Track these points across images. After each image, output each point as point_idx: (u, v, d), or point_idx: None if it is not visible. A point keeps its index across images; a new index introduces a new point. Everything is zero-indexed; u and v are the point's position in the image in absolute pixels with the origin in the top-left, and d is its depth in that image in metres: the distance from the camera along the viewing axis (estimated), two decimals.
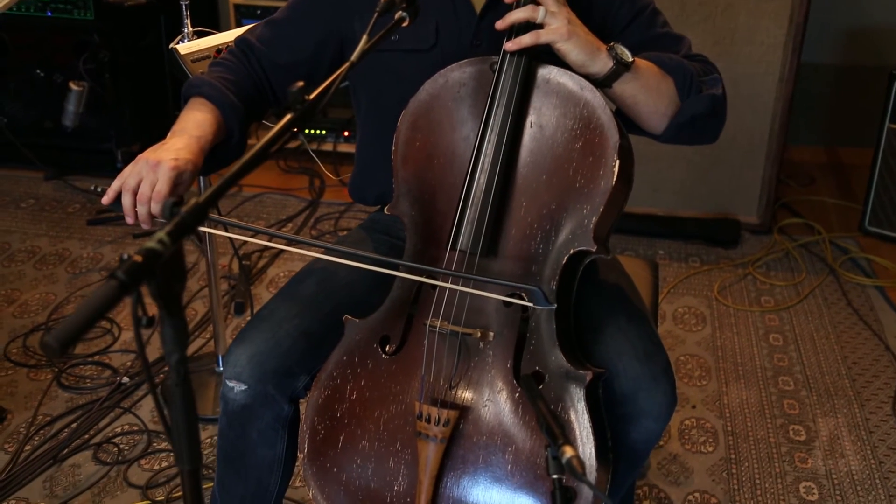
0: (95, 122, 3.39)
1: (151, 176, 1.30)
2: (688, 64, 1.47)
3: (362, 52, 1.10)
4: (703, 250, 3.07)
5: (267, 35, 1.55)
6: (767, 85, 2.98)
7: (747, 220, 3.15)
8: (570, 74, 1.35)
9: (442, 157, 1.40)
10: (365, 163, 1.64)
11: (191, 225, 0.81)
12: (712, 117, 1.46)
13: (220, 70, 1.49)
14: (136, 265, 0.75)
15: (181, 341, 0.82)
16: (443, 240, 1.38)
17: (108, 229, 3.15)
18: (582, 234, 1.32)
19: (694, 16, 2.94)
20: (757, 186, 3.12)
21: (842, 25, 3.58)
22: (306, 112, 0.98)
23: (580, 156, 1.33)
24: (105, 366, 2.41)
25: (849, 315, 2.70)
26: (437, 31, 1.48)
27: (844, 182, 3.55)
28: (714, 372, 2.45)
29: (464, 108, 1.39)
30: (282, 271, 2.88)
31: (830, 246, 3.06)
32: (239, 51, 1.55)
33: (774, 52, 2.94)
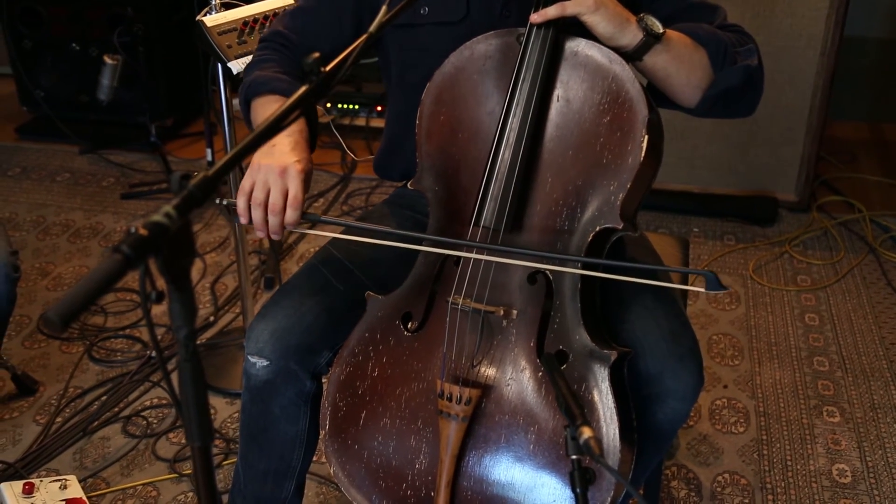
0: (129, 96, 3.41)
1: (280, 183, 1.27)
2: (722, 34, 1.42)
3: (381, 23, 1.08)
4: (738, 228, 3.01)
5: (300, 25, 1.52)
6: (808, 59, 2.90)
7: (785, 198, 3.08)
8: (599, 47, 1.31)
9: (466, 132, 1.37)
10: (391, 138, 1.62)
11: (200, 198, 0.79)
12: (748, 89, 1.41)
13: (271, 65, 1.47)
14: (142, 239, 0.73)
15: (189, 316, 0.81)
16: (466, 215, 1.35)
17: (141, 203, 3.16)
18: (608, 211, 1.28)
19: None
20: (796, 163, 3.04)
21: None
22: (322, 84, 0.96)
23: (608, 131, 1.29)
24: (136, 339, 2.43)
25: (888, 295, 2.63)
26: (468, 2, 1.45)
27: (887, 159, 3.45)
28: (747, 352, 2.40)
29: (489, 81, 1.36)
30: (312, 247, 2.87)
31: (871, 224, 2.98)
32: (276, 44, 1.51)
33: (816, 25, 2.85)
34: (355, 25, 1.51)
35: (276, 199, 1.27)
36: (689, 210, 3.09)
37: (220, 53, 1.76)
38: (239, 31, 1.81)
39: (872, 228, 2.96)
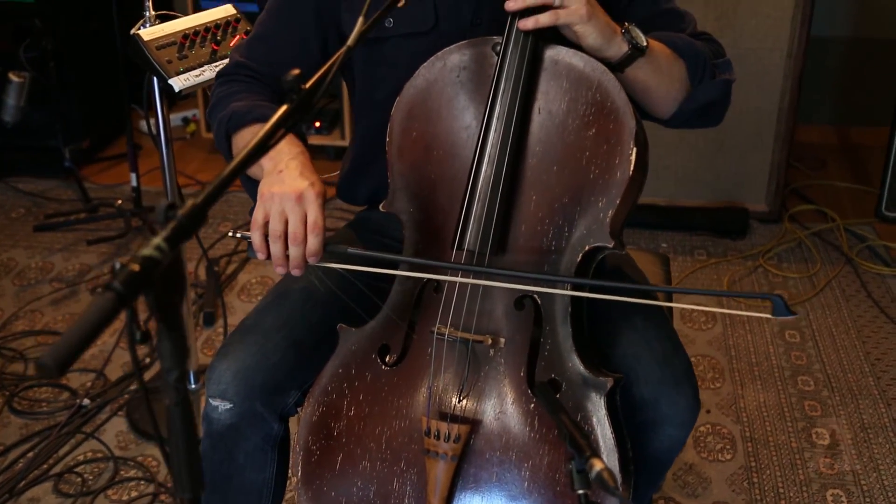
0: (39, 116, 3.35)
1: (298, 210, 1.27)
2: (699, 45, 1.48)
3: (359, 35, 1.10)
4: (709, 242, 3.10)
5: (262, 53, 1.53)
6: (775, 61, 3.01)
7: (756, 208, 3.18)
8: (581, 55, 1.35)
9: (441, 149, 1.39)
10: (357, 160, 1.63)
11: (189, 229, 0.80)
12: (724, 103, 1.48)
13: (245, 95, 1.47)
14: (133, 275, 0.74)
15: (180, 357, 0.81)
16: (446, 238, 1.37)
17: (57, 235, 3.11)
18: (598, 229, 1.32)
19: None
20: (765, 172, 3.15)
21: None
22: (303, 102, 0.97)
23: (594, 144, 1.33)
24: (62, 387, 2.39)
25: (869, 307, 2.73)
26: (436, 10, 1.48)
27: (858, 164, 3.58)
28: (728, 373, 2.47)
29: (464, 93, 1.39)
30: (253, 277, 2.86)
31: (846, 234, 3.09)
32: (241, 75, 1.52)
33: (782, 26, 2.97)
34: (321, 46, 1.53)
35: (296, 228, 1.27)
36: (657, 224, 3.17)
37: (161, 70, 1.76)
38: (179, 44, 1.81)
39: (847, 238, 3.07)
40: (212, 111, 1.51)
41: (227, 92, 1.50)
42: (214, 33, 1.89)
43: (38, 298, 2.77)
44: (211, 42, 1.87)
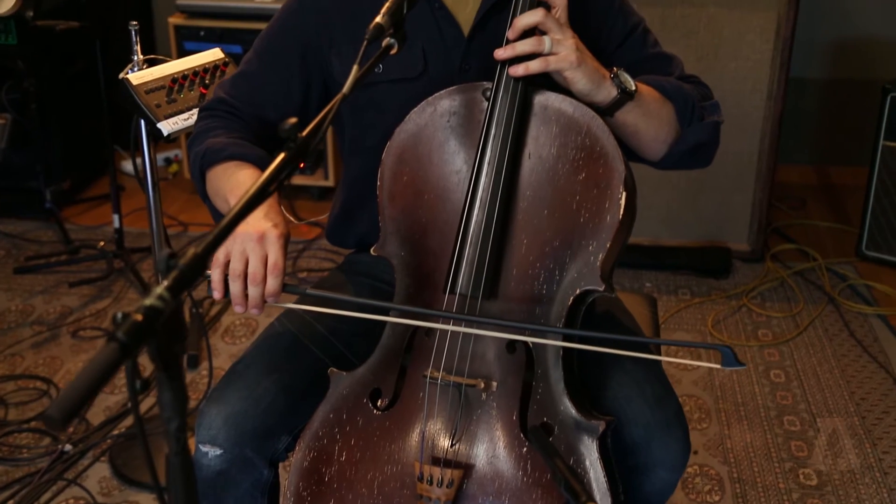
0: (20, 158, 3.35)
1: (259, 250, 1.27)
2: (687, 88, 1.51)
3: (354, 82, 1.12)
4: (693, 281, 3.12)
5: (245, 91, 1.55)
6: (755, 102, 3.06)
7: (738, 248, 3.21)
8: (570, 100, 1.37)
9: (432, 193, 1.41)
10: (347, 204, 1.65)
11: (190, 278, 0.81)
12: (714, 144, 1.52)
13: (223, 132, 1.48)
14: (137, 325, 0.74)
15: (181, 407, 0.82)
16: (437, 282, 1.38)
17: (38, 278, 3.10)
18: (588, 273, 1.34)
19: (675, 31, 3.01)
20: (747, 211, 3.19)
21: (828, 38, 3.70)
22: (301, 150, 0.99)
23: (584, 188, 1.35)
24: (43, 432, 2.36)
25: (852, 347, 2.76)
26: (425, 57, 1.50)
27: (837, 204, 3.64)
28: (714, 413, 2.48)
29: (455, 138, 1.41)
30: (238, 319, 2.86)
31: (827, 273, 3.13)
32: (222, 112, 1.54)
33: (761, 68, 3.02)
34: (304, 90, 1.55)
35: (256, 268, 1.27)
36: (640, 264, 3.19)
37: (150, 114, 1.77)
38: (168, 88, 1.83)
39: (829, 277, 3.11)
40: (190, 145, 1.54)
41: (206, 127, 1.52)
42: (203, 77, 1.91)
43: (18, 342, 2.75)
44: (199, 86, 1.88)
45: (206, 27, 3.41)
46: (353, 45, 1.51)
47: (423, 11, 1.49)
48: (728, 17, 2.99)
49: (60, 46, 3.34)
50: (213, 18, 3.41)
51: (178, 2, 3.45)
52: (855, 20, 3.66)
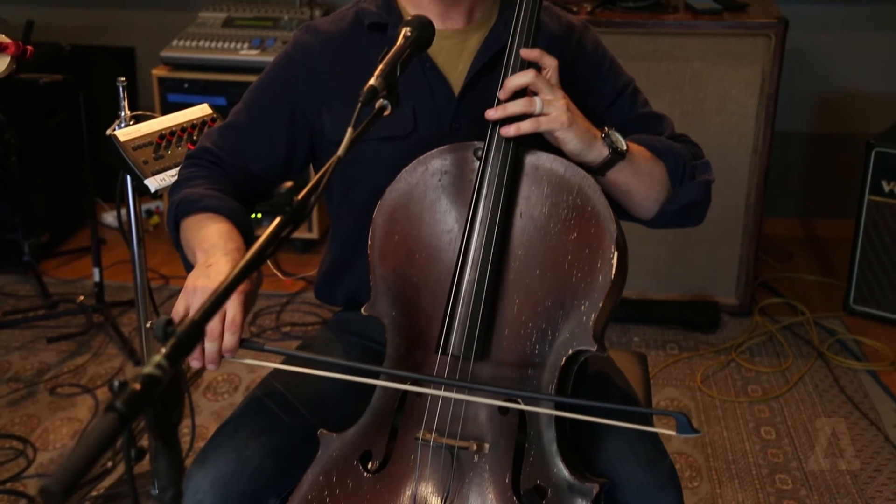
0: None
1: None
2: (677, 147, 1.55)
3: (349, 144, 1.14)
4: (681, 336, 3.14)
5: (230, 142, 1.57)
6: (741, 157, 3.11)
7: (726, 302, 3.24)
8: (561, 160, 1.40)
9: (424, 252, 1.43)
10: (336, 261, 1.66)
11: (189, 345, 0.82)
12: (706, 203, 1.55)
13: (202, 182, 1.50)
14: (135, 394, 0.75)
15: (177, 476, 0.82)
16: (429, 342, 1.39)
17: (15, 333, 3.08)
18: (581, 333, 1.35)
19: (660, 86, 3.07)
20: (734, 265, 3.22)
21: (812, 92, 3.77)
22: (297, 214, 1.01)
23: (575, 248, 1.37)
24: (20, 494, 2.34)
25: (843, 403, 2.78)
26: (415, 115, 1.53)
27: (824, 257, 3.68)
28: (705, 472, 2.49)
29: (446, 198, 1.43)
30: (220, 374, 2.85)
31: (816, 327, 3.16)
32: (205, 161, 1.56)
33: (747, 123, 3.08)
34: (289, 145, 1.58)
35: (214, 323, 1.28)
36: (628, 318, 3.22)
37: (137, 171, 1.79)
38: (156, 145, 1.84)
39: (818, 332, 3.14)
40: (170, 193, 1.56)
41: (187, 175, 1.54)
42: (190, 133, 1.93)
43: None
44: (187, 142, 1.90)
45: (190, 79, 3.44)
46: (344, 102, 1.53)
47: (415, 70, 1.53)
48: (713, 72, 3.05)
49: (43, 98, 3.36)
50: (197, 70, 3.45)
51: (163, 54, 3.48)
52: (838, 75, 3.74)
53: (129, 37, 3.95)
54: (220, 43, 3.50)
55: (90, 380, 2.83)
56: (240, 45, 3.49)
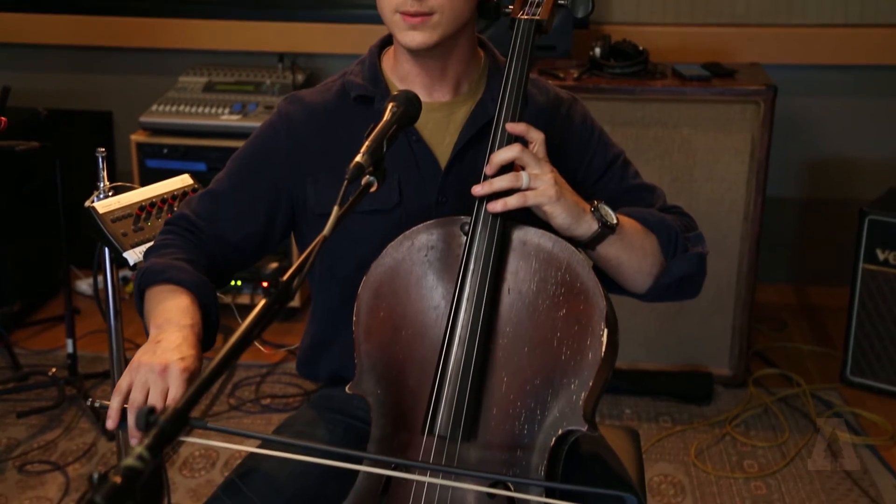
0: None
1: (161, 384, 1.29)
2: (669, 220, 1.57)
3: (335, 223, 1.16)
4: (674, 408, 3.15)
5: (209, 210, 1.59)
6: (732, 223, 3.15)
7: (719, 373, 3.25)
8: (549, 235, 1.42)
9: (410, 329, 1.44)
10: (318, 335, 1.68)
11: (171, 434, 0.82)
12: (700, 276, 1.57)
13: (172, 251, 1.52)
14: (116, 488, 0.75)
15: None
16: (415, 422, 1.40)
17: None
18: (571, 413, 1.36)
19: (649, 151, 3.12)
20: (727, 335, 3.24)
21: (803, 158, 3.84)
22: (281, 297, 1.02)
23: (564, 325, 1.39)
24: None
25: (842, 479, 2.78)
26: (400, 189, 1.56)
27: (819, 325, 3.71)
28: None
29: (433, 273, 1.45)
30: (197, 450, 2.83)
31: (812, 399, 3.17)
32: (181, 228, 1.58)
33: (737, 189, 3.12)
34: (269, 216, 1.60)
35: (155, 402, 1.29)
36: (619, 389, 3.22)
37: (115, 243, 1.80)
38: (135, 216, 1.86)
39: (814, 404, 3.15)
40: (143, 257, 1.58)
41: (160, 243, 1.56)
42: (171, 204, 1.94)
43: None
44: (167, 213, 1.92)
45: (170, 144, 3.47)
46: (329, 175, 1.56)
47: (401, 144, 1.55)
48: (702, 139, 3.10)
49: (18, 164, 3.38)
50: (177, 136, 3.48)
51: (142, 119, 3.52)
52: (829, 141, 3.81)
53: (107, 101, 3.99)
54: (200, 108, 3.54)
55: (61, 456, 2.80)
56: (221, 109, 3.54)
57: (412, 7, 1.46)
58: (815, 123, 3.79)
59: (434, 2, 1.46)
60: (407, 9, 1.47)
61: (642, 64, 3.16)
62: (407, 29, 1.49)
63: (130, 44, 3.89)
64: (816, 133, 3.80)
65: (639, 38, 3.32)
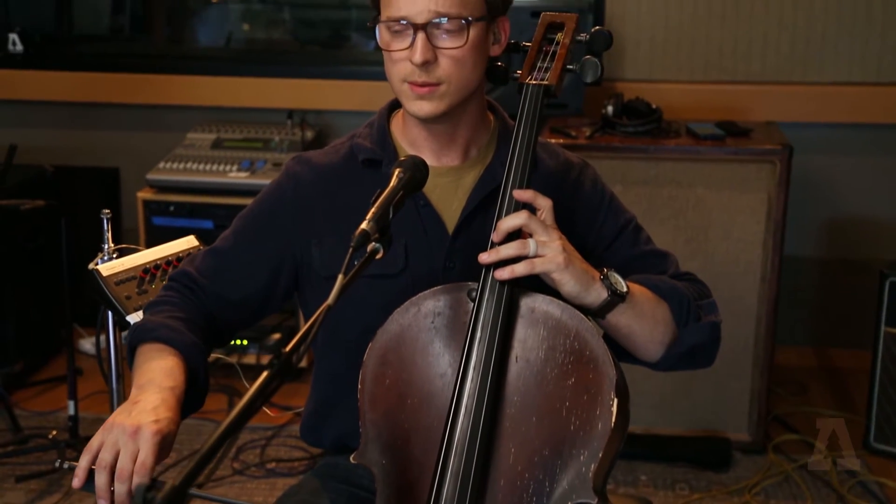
0: None
1: (131, 445, 1.29)
2: (682, 287, 1.58)
3: (340, 292, 1.17)
4: (690, 474, 3.12)
5: (212, 267, 1.62)
6: (748, 285, 3.15)
7: (738, 438, 3.23)
8: (558, 302, 1.44)
9: (416, 397, 1.45)
10: (322, 400, 1.69)
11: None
12: (714, 345, 1.57)
13: (168, 309, 1.54)
14: None
15: None
16: (421, 494, 1.41)
17: None
18: (580, 485, 1.37)
19: (663, 211, 3.14)
20: (745, 399, 3.23)
21: (822, 218, 3.85)
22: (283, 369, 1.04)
23: (573, 394, 1.40)
24: None
25: None
26: (407, 254, 1.58)
27: (840, 389, 3.69)
28: None
29: (439, 340, 1.46)
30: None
31: (835, 467, 3.14)
32: (181, 285, 1.60)
33: (753, 250, 3.13)
34: (273, 276, 1.62)
35: (123, 464, 1.29)
36: (634, 455, 3.20)
37: (119, 307, 1.82)
38: (139, 279, 1.89)
39: (837, 472, 3.12)
40: (143, 311, 1.60)
41: (158, 299, 1.59)
42: (175, 266, 1.97)
43: None
44: None
45: (177, 202, 3.51)
46: (335, 237, 1.58)
47: (408, 208, 1.57)
48: (717, 198, 3.12)
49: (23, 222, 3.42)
50: (184, 193, 3.52)
51: (149, 176, 3.56)
52: (848, 200, 3.83)
53: (114, 157, 4.05)
54: (208, 165, 3.59)
55: None
56: (229, 167, 3.58)
57: (420, 77, 1.49)
58: (832, 182, 3.81)
59: (442, 72, 1.50)
60: (415, 79, 1.50)
61: (656, 122, 3.19)
62: (415, 98, 1.52)
63: (138, 100, 3.95)
64: (835, 192, 3.82)
65: (652, 95, 3.36)
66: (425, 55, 1.48)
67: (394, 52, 1.51)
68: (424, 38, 1.48)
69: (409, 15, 1.48)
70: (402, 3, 1.48)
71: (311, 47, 4.35)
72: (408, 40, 1.49)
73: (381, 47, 1.54)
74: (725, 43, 3.68)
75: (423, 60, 1.48)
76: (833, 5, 3.61)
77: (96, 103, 4.00)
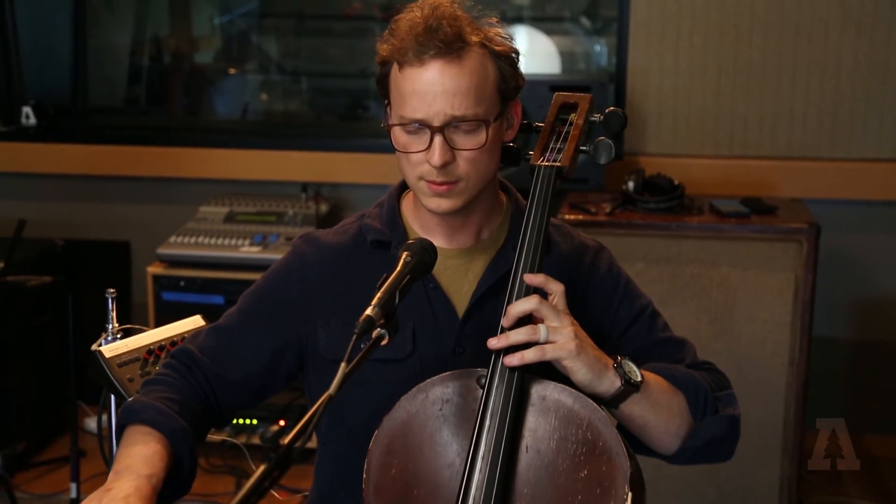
0: None
1: None
2: (699, 377, 1.58)
3: (342, 381, 1.18)
4: None
5: (213, 346, 1.63)
6: (776, 368, 3.13)
7: None
8: (570, 391, 1.44)
9: (423, 488, 1.44)
10: (327, 486, 1.68)
11: None
12: (732, 439, 1.56)
13: (161, 389, 1.55)
14: None
15: None
16: None
17: None
18: None
19: (686, 290, 3.13)
20: (775, 486, 3.18)
21: (852, 298, 3.82)
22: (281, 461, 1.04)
23: (585, 487, 1.39)
24: None
25: None
26: (415, 338, 1.58)
27: (877, 477, 3.63)
28: None
29: (447, 429, 1.46)
30: None
31: None
32: (180, 363, 1.62)
33: (781, 331, 3.11)
34: (275, 357, 1.64)
35: None
36: None
37: (121, 389, 1.83)
38: (143, 360, 1.89)
39: None
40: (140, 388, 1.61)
41: (154, 377, 1.61)
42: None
43: None
44: None
45: (187, 277, 3.54)
46: (341, 319, 1.59)
47: (417, 290, 1.58)
48: (742, 278, 3.11)
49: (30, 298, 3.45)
50: (194, 268, 3.55)
51: (159, 251, 3.60)
52: (878, 279, 3.80)
53: (125, 231, 4.09)
54: (220, 239, 3.62)
55: None
56: (241, 241, 3.61)
57: (438, 178, 1.52)
58: (862, 261, 3.79)
59: (461, 171, 1.52)
60: (433, 178, 1.52)
61: (678, 199, 3.20)
62: (432, 196, 1.54)
63: (151, 173, 4.01)
64: (864, 270, 3.80)
65: (674, 170, 3.38)
66: (444, 158, 1.50)
67: (411, 154, 1.53)
68: (442, 140, 1.50)
69: (425, 118, 1.50)
70: (419, 104, 1.50)
71: (327, 118, 4.42)
72: (424, 141, 1.51)
73: (396, 148, 1.55)
74: (750, 118, 3.70)
75: (442, 163, 1.50)
76: (860, 81, 3.63)
77: (109, 176, 4.06)
